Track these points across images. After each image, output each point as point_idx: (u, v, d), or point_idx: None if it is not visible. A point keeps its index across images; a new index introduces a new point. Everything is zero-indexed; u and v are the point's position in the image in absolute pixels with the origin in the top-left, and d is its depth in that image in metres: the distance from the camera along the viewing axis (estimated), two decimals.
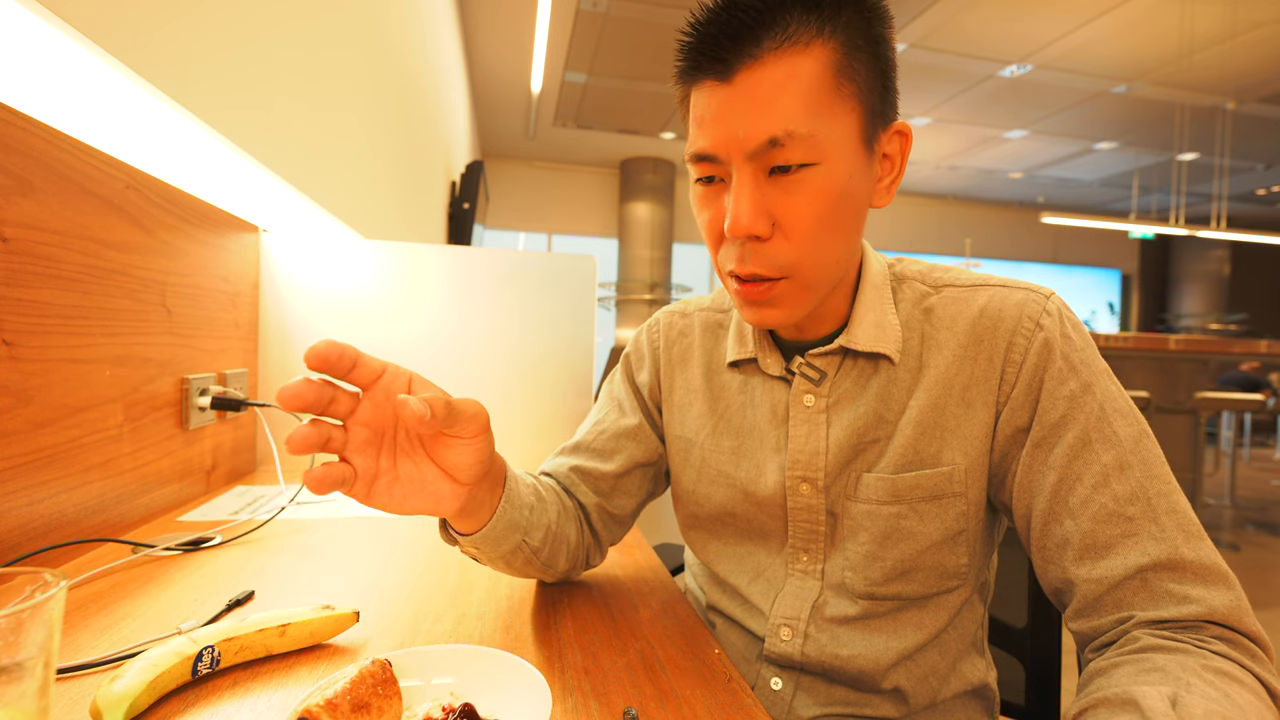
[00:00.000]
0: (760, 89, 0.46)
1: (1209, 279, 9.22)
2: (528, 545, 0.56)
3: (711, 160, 0.49)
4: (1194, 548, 0.44)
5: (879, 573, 0.55)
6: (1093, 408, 0.49)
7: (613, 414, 0.71)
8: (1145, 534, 0.45)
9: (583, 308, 1.30)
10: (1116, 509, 0.46)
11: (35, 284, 0.60)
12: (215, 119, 0.75)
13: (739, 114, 0.47)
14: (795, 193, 0.48)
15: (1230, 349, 3.89)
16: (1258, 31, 4.21)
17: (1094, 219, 6.03)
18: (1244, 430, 5.46)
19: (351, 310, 1.20)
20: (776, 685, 0.59)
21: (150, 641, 0.49)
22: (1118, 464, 0.47)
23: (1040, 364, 0.51)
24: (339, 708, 0.35)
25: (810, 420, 0.58)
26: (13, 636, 0.27)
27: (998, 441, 0.53)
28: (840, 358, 0.58)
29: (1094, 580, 0.46)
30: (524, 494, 0.55)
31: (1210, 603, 0.43)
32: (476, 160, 4.00)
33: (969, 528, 0.55)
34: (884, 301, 0.58)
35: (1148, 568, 0.44)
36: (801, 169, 0.47)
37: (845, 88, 0.47)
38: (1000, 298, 0.54)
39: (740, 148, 0.47)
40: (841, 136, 0.48)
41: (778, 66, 0.46)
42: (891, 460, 0.55)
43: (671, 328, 0.71)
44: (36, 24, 0.48)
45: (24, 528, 0.60)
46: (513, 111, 5.94)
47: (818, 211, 0.48)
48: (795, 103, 0.46)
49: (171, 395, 0.86)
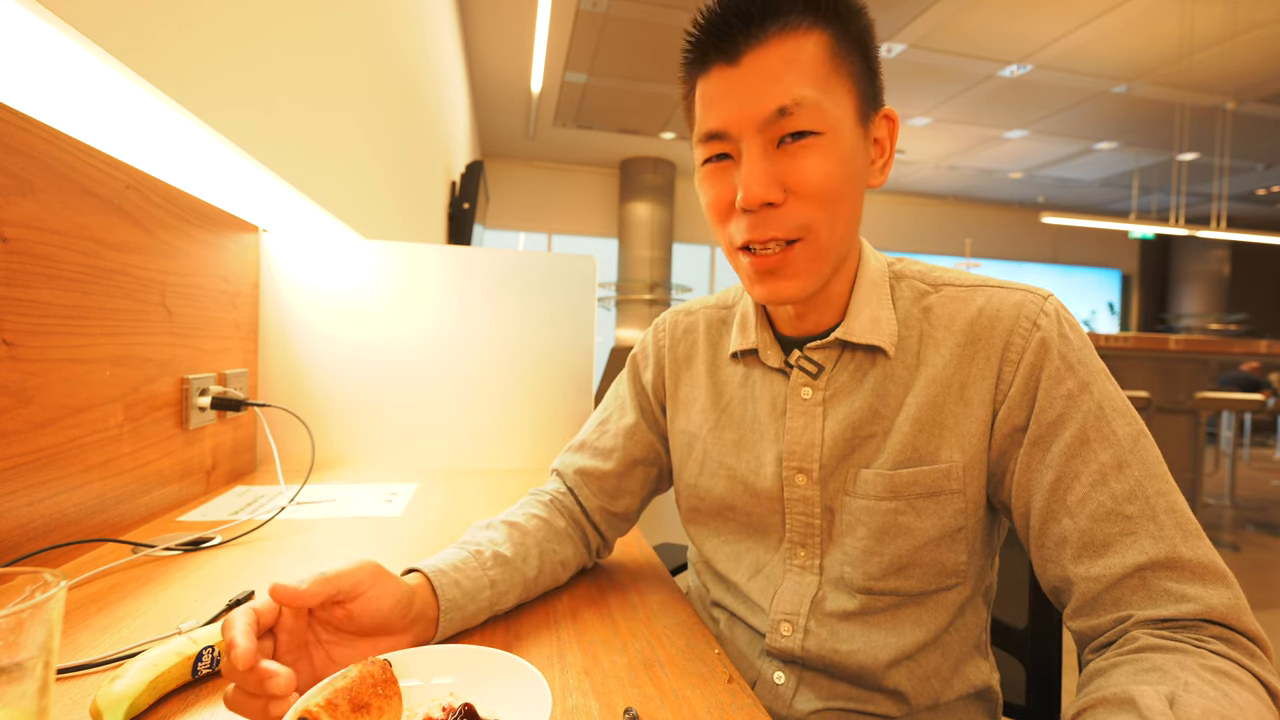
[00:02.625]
0: (767, 65, 0.50)
1: (1209, 279, 9.21)
2: (502, 609, 0.58)
3: (722, 138, 0.52)
4: (1192, 546, 0.45)
5: (876, 567, 0.56)
6: (1090, 406, 0.49)
7: (615, 413, 0.75)
8: (1144, 532, 0.45)
9: (583, 308, 1.30)
10: (1114, 507, 0.46)
11: (35, 284, 0.60)
12: (215, 119, 0.75)
13: (748, 90, 0.50)
14: (804, 159, 0.51)
15: (1230, 349, 3.88)
16: (1258, 31, 4.20)
17: (1094, 219, 6.03)
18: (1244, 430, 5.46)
19: (351, 310, 1.20)
20: (779, 680, 0.59)
21: (150, 641, 0.49)
22: (1116, 463, 0.47)
23: (1037, 363, 0.51)
24: (339, 708, 0.35)
25: (807, 412, 0.59)
26: (13, 636, 0.27)
27: (995, 440, 0.54)
28: (838, 351, 0.59)
29: (1092, 578, 0.46)
30: (468, 582, 0.55)
31: (1208, 601, 0.43)
32: (476, 160, 4.00)
33: (967, 525, 0.55)
34: (881, 296, 0.59)
35: (1146, 566, 0.44)
36: (808, 136, 0.50)
37: (842, 68, 0.51)
38: (998, 298, 0.55)
39: (751, 121, 0.50)
40: (842, 111, 0.51)
41: (782, 47, 0.50)
42: (889, 456, 0.55)
43: (677, 326, 0.73)
44: (36, 24, 0.48)
45: (24, 528, 0.60)
46: (513, 111, 5.94)
47: (826, 173, 0.51)
48: (801, 75, 0.50)
49: (171, 395, 0.86)
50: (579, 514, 0.71)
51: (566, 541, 0.67)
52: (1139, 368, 3.82)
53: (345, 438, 1.21)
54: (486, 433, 1.26)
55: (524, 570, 0.60)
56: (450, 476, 1.15)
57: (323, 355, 1.19)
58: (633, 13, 4.04)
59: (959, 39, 4.38)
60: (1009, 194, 8.39)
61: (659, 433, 0.73)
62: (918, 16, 4.05)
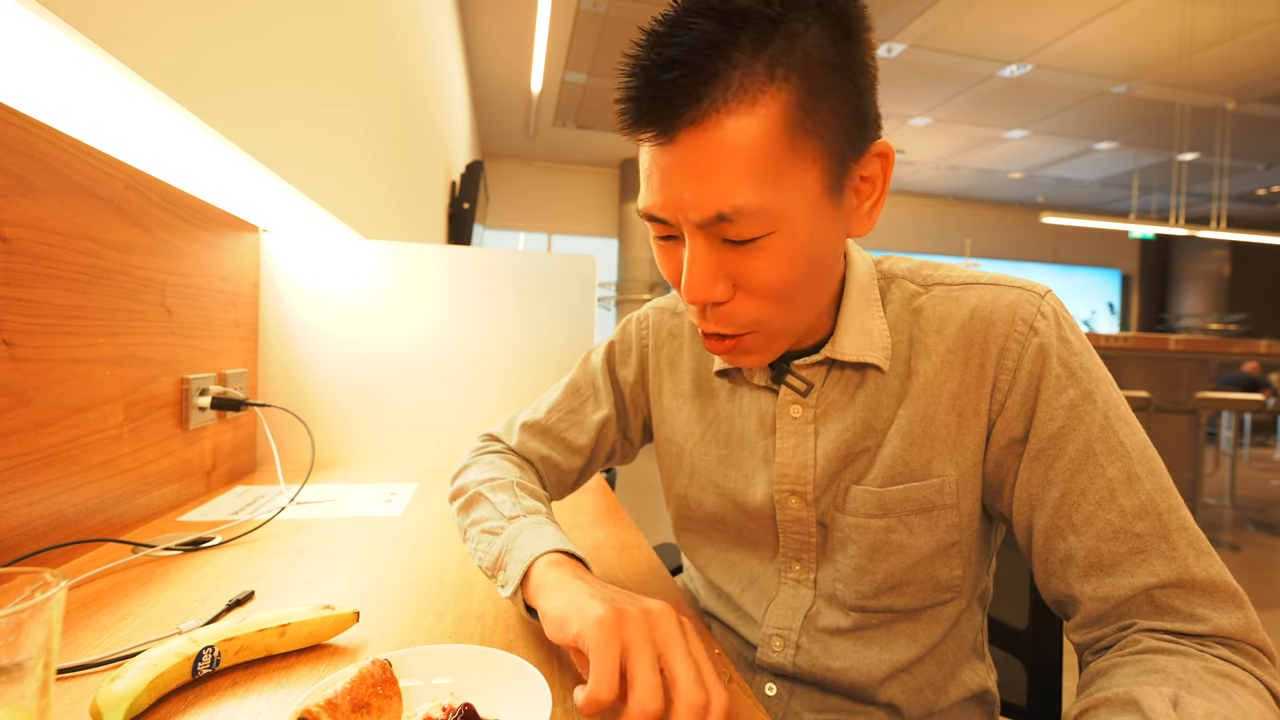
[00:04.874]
0: (704, 157, 0.41)
1: (1209, 279, 9.21)
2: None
3: (663, 222, 0.46)
4: (1204, 565, 0.43)
5: (869, 586, 0.54)
6: (1095, 417, 0.46)
7: (590, 402, 0.71)
8: (1154, 551, 0.43)
9: (583, 308, 1.30)
10: (1124, 525, 0.44)
11: (35, 284, 0.60)
12: (215, 119, 0.75)
13: (684, 181, 0.42)
14: (753, 258, 0.44)
15: (1230, 349, 3.88)
16: (1258, 31, 4.20)
17: (1094, 219, 6.03)
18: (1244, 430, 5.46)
19: (351, 310, 1.20)
20: (770, 691, 0.59)
21: (150, 641, 0.49)
22: (1125, 477, 0.45)
23: (1035, 371, 0.48)
24: (339, 708, 0.35)
25: (798, 432, 0.56)
26: (13, 636, 0.27)
27: (991, 452, 0.51)
28: (827, 368, 0.55)
29: (1099, 598, 0.45)
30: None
31: (1217, 622, 0.41)
32: (476, 160, 4.00)
33: (962, 539, 0.53)
34: (871, 305, 0.54)
35: (1155, 587, 0.43)
36: (757, 239, 0.43)
37: (802, 142, 0.41)
38: (991, 297, 0.51)
39: (687, 220, 0.43)
40: (798, 198, 0.43)
41: (721, 129, 0.40)
42: (879, 473, 0.53)
43: (661, 327, 0.70)
44: (36, 24, 0.48)
45: (24, 528, 0.60)
46: (513, 111, 5.94)
47: (779, 275, 0.45)
48: (742, 175, 0.41)
49: (171, 395, 0.86)
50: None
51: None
52: (1139, 368, 3.82)
53: (345, 438, 1.21)
54: None
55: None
56: (450, 477, 1.15)
57: (323, 355, 1.19)
58: (633, 13, 4.04)
59: (959, 39, 4.38)
60: (1009, 194, 8.39)
61: (625, 427, 0.72)
62: (918, 16, 4.05)
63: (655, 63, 0.40)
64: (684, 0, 0.41)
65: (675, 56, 0.40)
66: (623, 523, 0.89)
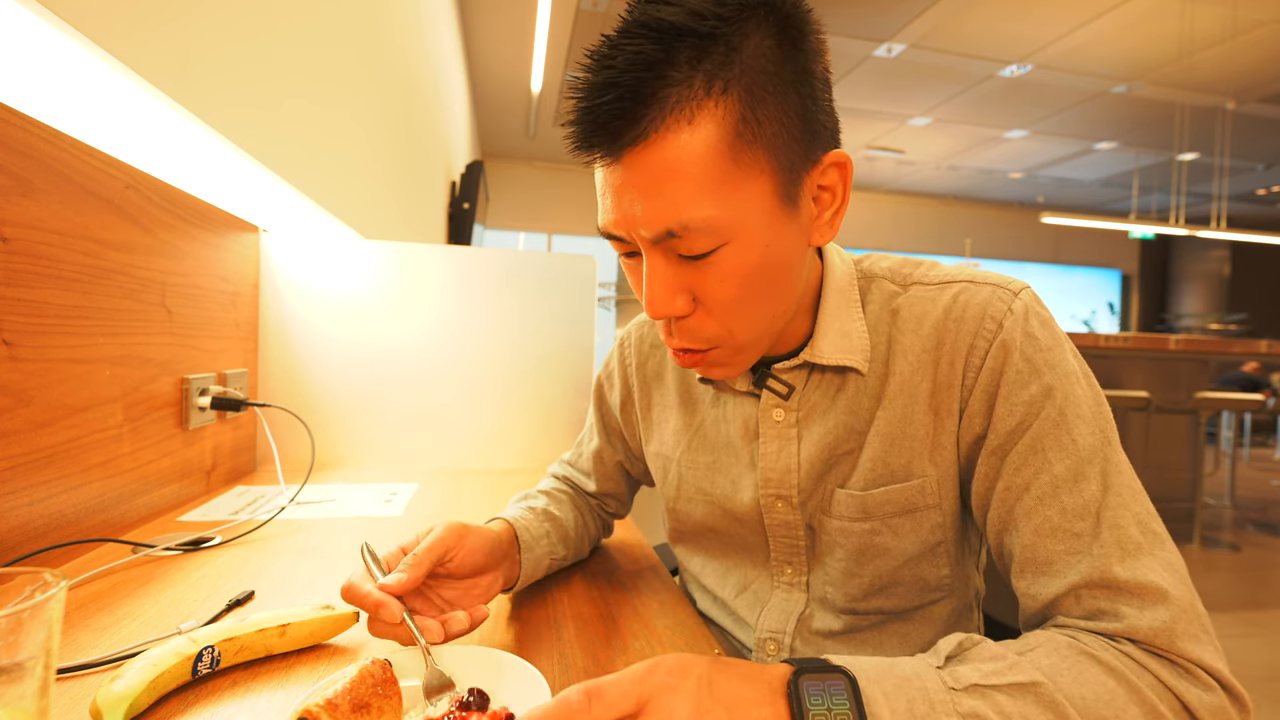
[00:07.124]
0: (649, 175, 0.41)
1: (1209, 279, 9.22)
2: (555, 559, 0.64)
3: (621, 240, 0.46)
4: (1130, 566, 0.41)
5: (858, 589, 0.54)
6: (1050, 413, 0.45)
7: (587, 435, 0.79)
8: (1087, 551, 0.42)
9: (583, 308, 1.30)
10: (1063, 523, 0.43)
11: (35, 284, 0.60)
12: (215, 119, 0.75)
13: (633, 199, 0.42)
14: (709, 272, 0.44)
15: (1230, 349, 3.88)
16: (1258, 31, 4.20)
17: (1094, 219, 6.04)
18: (1244, 430, 5.46)
19: (351, 310, 1.20)
20: None
21: (150, 641, 0.49)
22: (1071, 475, 0.44)
23: (997, 367, 0.47)
24: (339, 708, 0.35)
25: (781, 436, 0.56)
26: (13, 636, 0.27)
27: (961, 450, 0.51)
28: (808, 371, 0.55)
29: (1032, 595, 0.44)
30: (535, 529, 0.63)
31: (1133, 622, 0.39)
32: (476, 160, 4.01)
33: (948, 539, 0.53)
34: (850, 306, 0.54)
35: (1081, 586, 0.42)
36: (710, 253, 0.43)
37: (746, 154, 0.41)
38: (966, 295, 0.50)
39: (640, 235, 0.44)
40: (749, 210, 0.43)
41: (663, 147, 0.40)
42: (861, 475, 0.53)
43: (643, 341, 0.70)
44: (36, 24, 0.48)
45: (24, 528, 0.60)
46: (513, 111, 5.94)
47: (737, 288, 0.45)
48: (686, 189, 0.41)
49: (171, 395, 0.86)
50: (581, 498, 0.77)
51: (586, 512, 0.74)
52: (1139, 368, 3.82)
53: (345, 438, 1.21)
54: (486, 433, 1.26)
55: (565, 526, 0.67)
56: (450, 477, 1.15)
57: (323, 355, 1.19)
58: None
59: (959, 39, 4.38)
60: (1009, 194, 8.39)
61: (625, 453, 0.76)
62: (918, 16, 4.05)
63: (595, 85, 0.40)
64: (624, 19, 0.41)
65: (612, 79, 0.40)
66: (623, 522, 0.89)
